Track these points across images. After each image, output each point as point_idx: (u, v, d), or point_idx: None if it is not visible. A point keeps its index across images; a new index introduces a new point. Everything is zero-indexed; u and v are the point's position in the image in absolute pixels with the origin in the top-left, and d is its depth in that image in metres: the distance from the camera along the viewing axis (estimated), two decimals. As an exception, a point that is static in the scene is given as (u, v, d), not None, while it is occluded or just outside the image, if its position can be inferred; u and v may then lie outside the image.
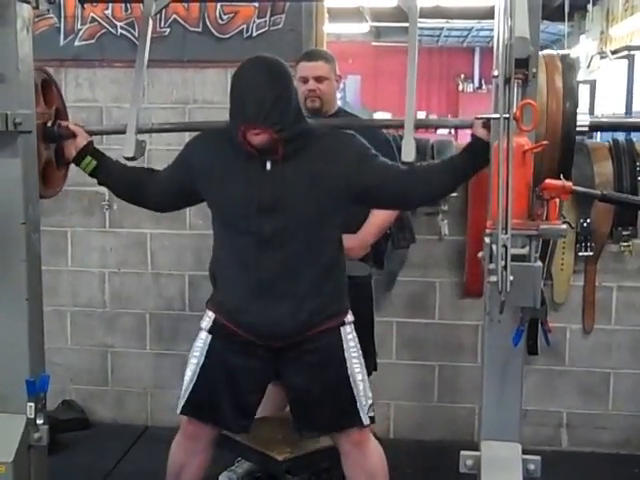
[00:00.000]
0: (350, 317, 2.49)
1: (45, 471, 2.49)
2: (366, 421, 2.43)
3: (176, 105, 3.80)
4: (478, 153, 2.27)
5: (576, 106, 2.25)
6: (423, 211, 3.68)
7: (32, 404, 2.31)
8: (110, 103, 3.82)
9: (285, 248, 2.32)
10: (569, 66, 2.28)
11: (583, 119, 2.33)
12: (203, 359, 2.46)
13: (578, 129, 2.29)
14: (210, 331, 2.47)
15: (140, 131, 2.50)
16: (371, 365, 2.98)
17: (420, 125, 2.75)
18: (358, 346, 2.48)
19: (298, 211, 2.31)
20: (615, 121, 2.94)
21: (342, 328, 2.45)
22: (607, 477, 3.45)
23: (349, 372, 2.43)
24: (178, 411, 2.50)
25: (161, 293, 3.92)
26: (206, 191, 2.43)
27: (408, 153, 2.29)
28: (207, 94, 3.80)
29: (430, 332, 3.80)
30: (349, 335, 2.46)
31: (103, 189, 3.80)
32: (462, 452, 2.34)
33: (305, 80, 3.11)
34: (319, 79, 3.10)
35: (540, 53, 2.29)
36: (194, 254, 3.84)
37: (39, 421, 2.34)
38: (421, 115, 14.83)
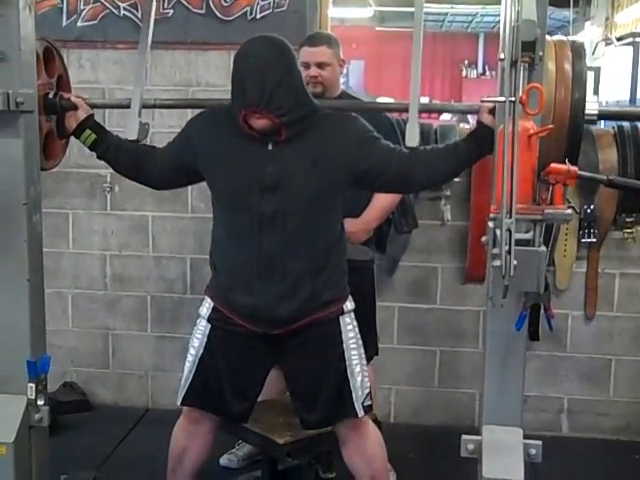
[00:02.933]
0: (350, 305, 2.47)
1: (46, 452, 2.49)
2: (360, 413, 2.42)
3: (179, 87, 3.78)
4: (483, 139, 2.25)
5: (584, 94, 2.20)
6: (426, 196, 3.68)
7: (33, 385, 2.31)
8: (113, 85, 3.80)
9: (285, 228, 2.30)
10: (578, 53, 2.22)
11: (592, 107, 2.27)
12: (202, 351, 2.46)
13: (586, 118, 2.23)
14: (209, 320, 2.46)
15: (143, 106, 2.49)
16: (373, 350, 2.97)
17: (425, 110, 2.73)
18: (358, 336, 2.47)
19: (299, 192, 2.29)
20: (625, 110, 2.86)
21: (341, 318, 2.43)
22: (607, 463, 3.46)
23: (347, 363, 2.42)
24: (178, 402, 2.49)
25: (162, 276, 3.91)
26: (206, 170, 2.41)
27: (412, 138, 2.29)
28: (210, 77, 3.78)
29: (431, 317, 3.80)
30: (349, 325, 2.45)
31: (105, 171, 3.84)
32: (463, 436, 2.34)
33: (307, 65, 3.07)
34: (321, 65, 3.06)
35: (549, 39, 2.25)
36: (195, 237, 3.84)
37: (40, 402, 2.33)
38: (424, 101, 14.80)
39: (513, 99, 1.95)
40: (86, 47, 3.77)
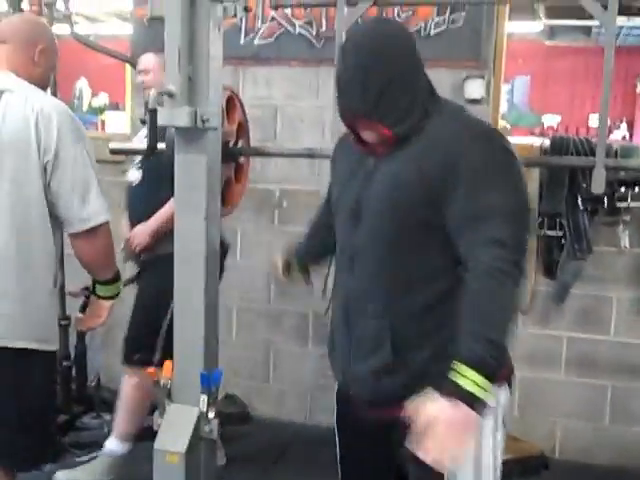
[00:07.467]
0: (490, 402, 1.61)
1: (214, 463, 2.51)
2: None
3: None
4: None
5: None
6: (602, 220, 3.49)
7: (205, 397, 2.34)
8: (284, 101, 3.86)
9: (360, 272, 1.84)
10: None
11: None
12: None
13: None
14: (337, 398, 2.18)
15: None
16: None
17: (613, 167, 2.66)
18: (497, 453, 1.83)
19: (373, 221, 1.80)
20: None
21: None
22: None
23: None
24: None
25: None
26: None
27: (598, 185, 2.24)
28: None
29: (604, 349, 3.60)
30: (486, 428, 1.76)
31: (274, 187, 3.90)
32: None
33: None
34: (142, 72, 3.24)
35: None
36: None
37: (210, 414, 2.36)
38: (593, 117, 14.17)
39: None
40: (261, 64, 3.86)
